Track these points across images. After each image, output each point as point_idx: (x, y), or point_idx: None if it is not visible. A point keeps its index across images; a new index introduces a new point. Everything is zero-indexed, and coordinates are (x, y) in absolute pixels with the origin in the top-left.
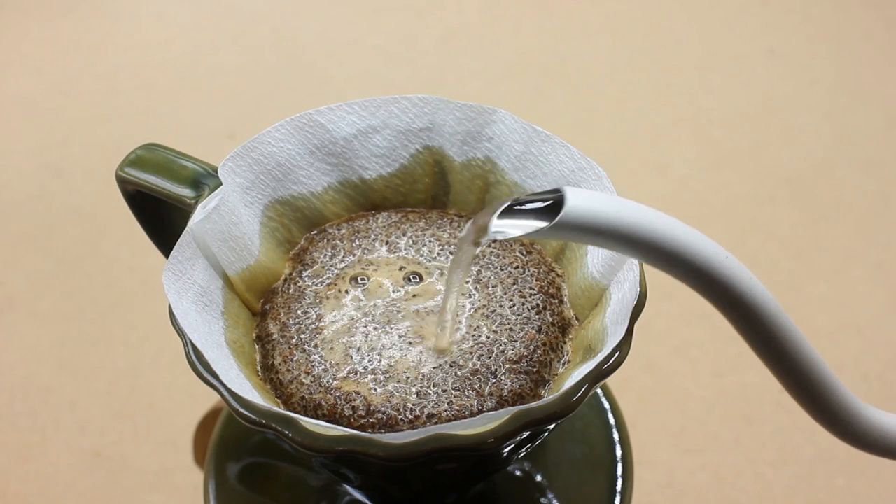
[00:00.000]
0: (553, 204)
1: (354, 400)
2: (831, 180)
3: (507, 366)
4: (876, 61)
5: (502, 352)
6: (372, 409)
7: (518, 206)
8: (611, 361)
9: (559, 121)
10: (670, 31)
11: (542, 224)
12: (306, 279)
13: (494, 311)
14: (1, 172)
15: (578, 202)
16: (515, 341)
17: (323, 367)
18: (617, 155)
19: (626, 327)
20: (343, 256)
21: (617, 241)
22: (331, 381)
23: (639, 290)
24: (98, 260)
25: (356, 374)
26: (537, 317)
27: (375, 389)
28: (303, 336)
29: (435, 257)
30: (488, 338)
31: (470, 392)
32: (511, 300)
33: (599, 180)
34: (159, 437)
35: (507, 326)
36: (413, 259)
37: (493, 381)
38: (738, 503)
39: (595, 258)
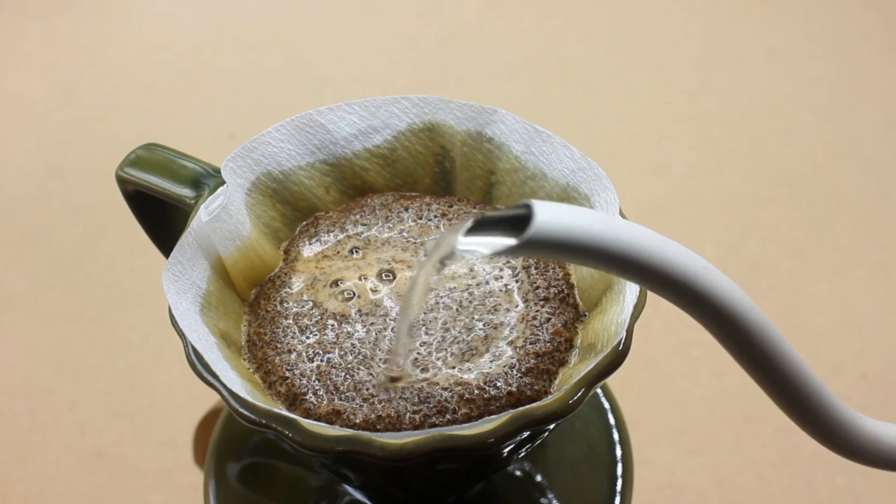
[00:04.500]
0: (521, 219)
1: (335, 422)
2: (831, 180)
3: (533, 360)
4: (876, 61)
5: (526, 342)
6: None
7: (484, 223)
8: (611, 361)
9: (559, 121)
10: (670, 31)
11: (511, 241)
12: (289, 267)
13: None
14: (1, 172)
15: (548, 216)
16: (540, 332)
17: (299, 369)
18: (617, 155)
19: (626, 327)
20: (333, 238)
21: (590, 256)
22: (312, 389)
23: (639, 290)
24: (98, 260)
25: (336, 389)
26: (561, 306)
27: (362, 407)
28: (277, 331)
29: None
30: (513, 321)
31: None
32: (535, 283)
33: (600, 180)
34: (159, 437)
35: (532, 314)
36: (416, 235)
37: (511, 379)
38: (738, 503)
39: None
